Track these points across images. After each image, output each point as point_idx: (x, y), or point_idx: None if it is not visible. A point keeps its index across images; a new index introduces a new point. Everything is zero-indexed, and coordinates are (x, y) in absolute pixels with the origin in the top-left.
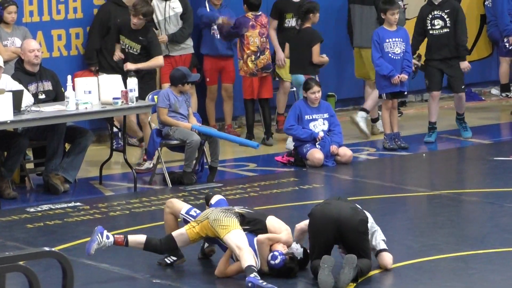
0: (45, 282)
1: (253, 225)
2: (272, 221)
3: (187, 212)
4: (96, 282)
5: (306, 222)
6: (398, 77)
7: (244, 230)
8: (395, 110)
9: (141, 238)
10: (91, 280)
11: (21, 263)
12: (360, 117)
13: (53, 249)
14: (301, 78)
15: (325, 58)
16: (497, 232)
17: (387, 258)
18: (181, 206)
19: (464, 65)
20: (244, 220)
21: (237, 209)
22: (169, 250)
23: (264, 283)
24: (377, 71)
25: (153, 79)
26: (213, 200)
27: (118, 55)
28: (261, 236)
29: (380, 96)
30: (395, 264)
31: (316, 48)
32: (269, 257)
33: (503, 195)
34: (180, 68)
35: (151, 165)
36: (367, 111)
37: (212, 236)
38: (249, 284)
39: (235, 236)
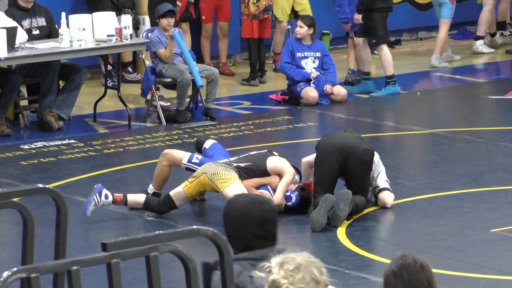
0: (39, 219)
1: (255, 175)
2: (273, 164)
3: (189, 161)
4: (90, 220)
5: (313, 156)
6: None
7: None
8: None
9: (141, 197)
10: (85, 218)
11: (15, 199)
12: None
13: (47, 186)
14: None
15: None
16: (491, 171)
17: (387, 197)
18: (182, 156)
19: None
20: (242, 175)
21: (235, 163)
22: (168, 211)
23: None
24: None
25: None
26: (206, 144)
27: None
28: (276, 199)
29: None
30: None
31: None
32: (285, 201)
33: (497, 133)
34: (158, 6)
35: (166, 102)
36: (482, 37)
37: (210, 190)
38: None
39: (235, 189)
